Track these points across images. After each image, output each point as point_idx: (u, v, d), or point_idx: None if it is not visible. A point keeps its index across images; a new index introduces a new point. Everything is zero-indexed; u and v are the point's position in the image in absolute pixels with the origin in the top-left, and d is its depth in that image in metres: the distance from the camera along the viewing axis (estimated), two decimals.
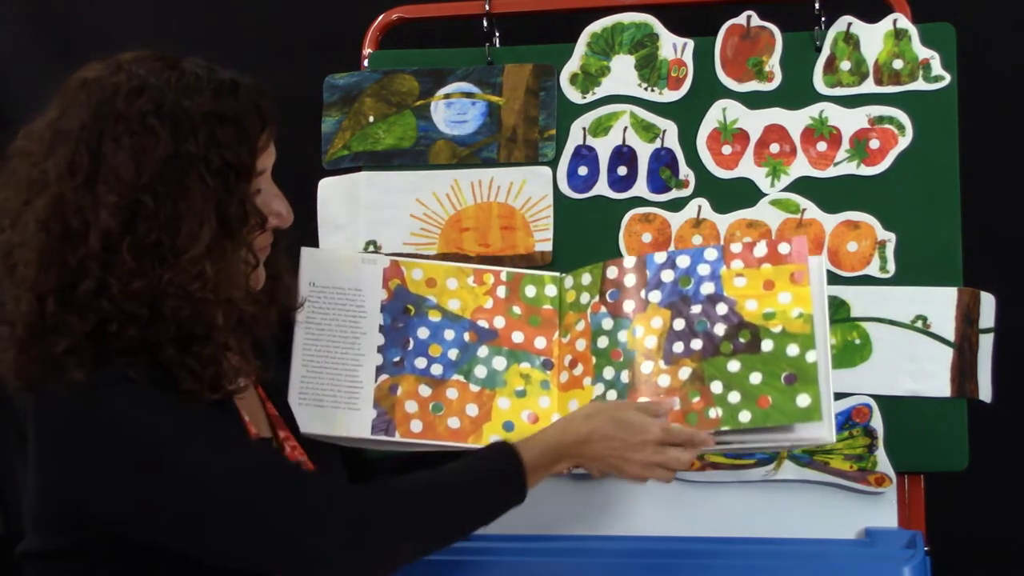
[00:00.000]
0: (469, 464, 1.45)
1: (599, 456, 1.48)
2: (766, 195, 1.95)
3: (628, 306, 1.64)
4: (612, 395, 1.60)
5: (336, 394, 1.60)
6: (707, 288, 1.61)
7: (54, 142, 1.32)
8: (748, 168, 1.96)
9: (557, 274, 1.74)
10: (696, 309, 1.60)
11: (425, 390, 1.63)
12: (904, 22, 1.94)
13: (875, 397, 1.88)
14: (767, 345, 1.57)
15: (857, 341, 1.90)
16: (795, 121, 1.95)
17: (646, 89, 1.99)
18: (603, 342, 1.64)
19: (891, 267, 1.91)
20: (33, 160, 1.33)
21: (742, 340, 1.58)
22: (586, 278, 1.69)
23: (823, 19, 1.95)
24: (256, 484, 1.29)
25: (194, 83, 1.33)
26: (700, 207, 1.96)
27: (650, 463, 1.48)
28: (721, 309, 1.59)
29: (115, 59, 1.36)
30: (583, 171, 1.99)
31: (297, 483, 1.32)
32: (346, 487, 1.44)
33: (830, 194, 1.93)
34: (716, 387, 1.57)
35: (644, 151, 1.98)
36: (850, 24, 1.95)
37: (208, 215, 1.31)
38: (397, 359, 1.65)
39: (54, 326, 1.29)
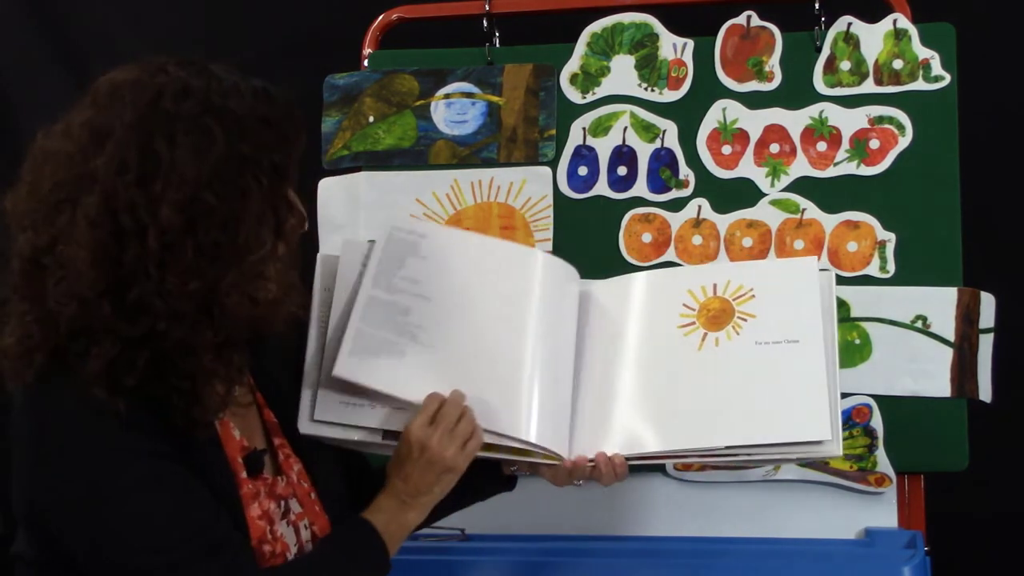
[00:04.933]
0: (327, 541, 1.46)
1: (423, 476, 1.47)
2: (766, 195, 1.95)
3: None
4: None
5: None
6: None
7: (94, 142, 1.30)
8: (748, 168, 1.96)
9: None
10: None
11: None
12: (904, 22, 1.94)
13: (875, 397, 1.89)
14: None
15: (857, 341, 1.90)
16: (795, 121, 1.95)
17: (646, 89, 1.99)
18: None
19: (891, 267, 1.91)
20: (70, 160, 1.31)
21: None
22: None
23: (823, 19, 1.95)
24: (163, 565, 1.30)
25: (232, 87, 1.34)
26: (700, 207, 1.96)
27: (441, 444, 1.46)
28: None
29: (151, 62, 1.36)
30: (583, 171, 1.99)
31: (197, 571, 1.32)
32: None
33: (830, 194, 1.93)
34: None
35: (644, 151, 1.98)
36: (850, 24, 1.95)
37: (267, 216, 1.32)
38: None
39: (104, 328, 1.28)
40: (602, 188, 1.99)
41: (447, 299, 1.58)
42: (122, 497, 1.29)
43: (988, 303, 1.89)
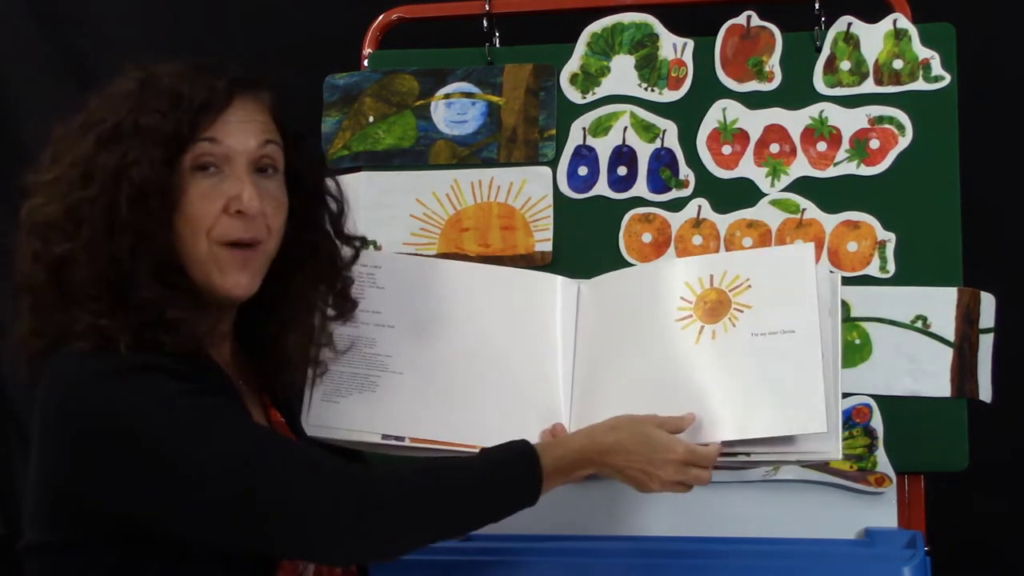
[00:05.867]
0: (486, 456, 1.45)
1: (619, 468, 1.49)
2: (766, 195, 1.95)
3: None
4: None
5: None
6: None
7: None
8: (748, 168, 1.96)
9: None
10: None
11: None
12: (904, 22, 1.94)
13: (875, 397, 1.89)
14: None
15: (857, 341, 1.90)
16: (795, 121, 1.95)
17: (646, 89, 1.99)
18: None
19: (891, 267, 1.91)
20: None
21: None
22: None
23: (823, 19, 1.95)
24: (266, 468, 1.29)
25: (170, 67, 1.40)
26: (700, 207, 1.96)
27: (671, 481, 1.49)
28: None
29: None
30: (583, 171, 1.99)
31: (308, 466, 1.32)
32: (357, 470, 1.43)
33: (830, 194, 1.93)
34: None
35: (644, 151, 1.98)
36: (850, 24, 1.95)
37: (113, 170, 1.35)
38: None
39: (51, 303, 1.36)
40: (602, 188, 1.99)
41: (410, 324, 1.63)
42: (191, 417, 1.29)
43: (988, 303, 1.89)
